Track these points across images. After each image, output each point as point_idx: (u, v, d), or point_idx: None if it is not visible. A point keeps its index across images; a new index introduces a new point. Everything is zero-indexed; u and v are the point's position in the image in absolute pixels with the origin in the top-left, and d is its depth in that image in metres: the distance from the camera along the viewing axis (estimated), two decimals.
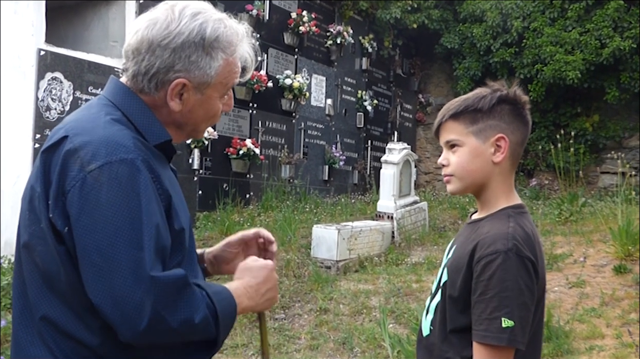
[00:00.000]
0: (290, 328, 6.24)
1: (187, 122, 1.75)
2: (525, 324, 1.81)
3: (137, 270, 1.49)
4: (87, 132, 1.57)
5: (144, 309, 1.48)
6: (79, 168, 1.52)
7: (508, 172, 1.98)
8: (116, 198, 1.51)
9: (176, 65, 1.65)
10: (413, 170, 9.83)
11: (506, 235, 1.84)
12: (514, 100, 1.97)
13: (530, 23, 12.37)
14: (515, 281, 1.80)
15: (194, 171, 9.25)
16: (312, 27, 11.26)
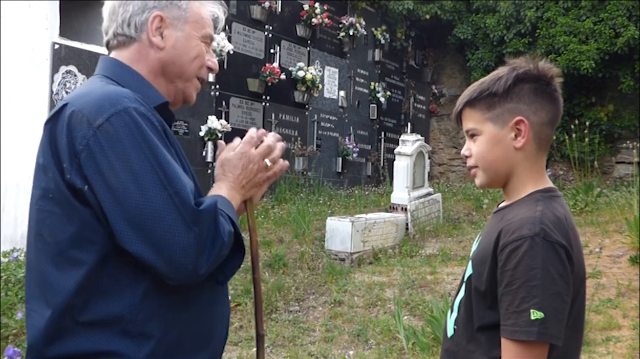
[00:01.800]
0: (305, 320, 6.25)
1: (174, 61, 1.77)
2: (560, 317, 1.63)
3: (175, 210, 1.50)
4: (86, 95, 1.60)
5: (189, 251, 1.50)
6: (87, 126, 1.52)
7: (535, 156, 1.81)
8: (133, 145, 1.52)
9: (149, 4, 1.74)
10: (427, 161, 9.81)
11: (533, 219, 1.67)
12: (535, 76, 1.79)
13: (544, 13, 12.29)
14: (545, 268, 1.62)
15: (208, 163, 9.27)
16: (324, 18, 11.24)
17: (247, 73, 10.08)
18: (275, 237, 8.10)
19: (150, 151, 1.53)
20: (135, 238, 1.50)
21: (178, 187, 1.53)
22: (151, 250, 1.50)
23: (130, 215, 1.50)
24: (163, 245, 1.50)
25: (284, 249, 7.57)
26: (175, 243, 1.50)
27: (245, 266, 7.19)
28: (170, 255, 1.50)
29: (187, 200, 1.53)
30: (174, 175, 1.54)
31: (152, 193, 1.50)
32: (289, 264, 7.28)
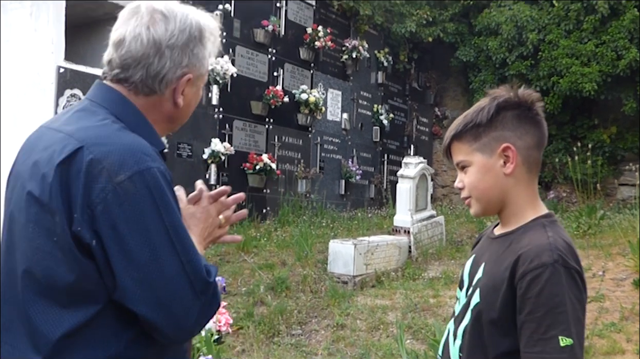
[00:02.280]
0: (307, 343, 6.23)
1: (182, 116, 1.78)
2: (583, 341, 1.69)
3: (186, 278, 1.53)
4: (104, 141, 1.55)
5: (192, 317, 1.55)
6: (107, 179, 1.49)
7: (526, 181, 1.85)
8: (151, 208, 1.51)
9: (184, 62, 1.69)
10: (430, 183, 9.82)
11: (549, 246, 1.70)
12: (516, 103, 1.84)
13: (546, 35, 12.35)
14: (567, 295, 1.66)
15: (211, 186, 9.27)
16: (327, 41, 11.32)
17: (250, 96, 10.13)
18: (278, 260, 8.10)
19: (167, 216, 1.53)
20: (142, 298, 1.51)
21: (191, 256, 1.55)
22: (157, 313, 1.52)
23: (140, 276, 1.50)
24: (170, 310, 1.53)
25: (286, 272, 7.56)
26: (182, 309, 1.54)
27: (248, 289, 7.19)
28: (176, 320, 1.55)
29: (199, 269, 1.56)
30: (189, 243, 1.57)
31: (165, 258, 1.51)
32: (292, 287, 7.27)
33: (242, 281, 7.48)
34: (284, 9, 10.84)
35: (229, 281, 7.20)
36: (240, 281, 7.47)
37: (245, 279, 7.55)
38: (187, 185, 7.68)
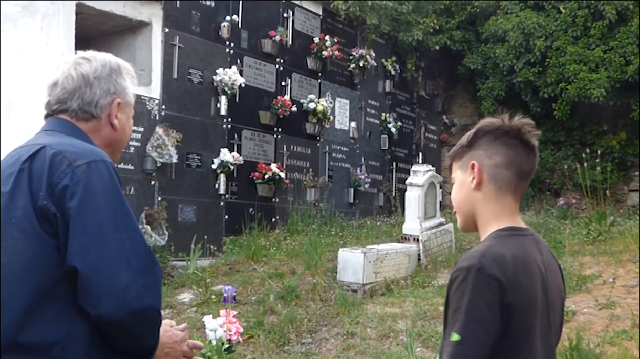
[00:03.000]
0: (318, 352, 6.24)
1: (120, 140, 2.10)
2: (478, 343, 1.79)
3: (127, 249, 1.76)
4: (64, 144, 1.87)
5: (129, 288, 1.73)
6: (67, 165, 1.80)
7: (495, 198, 1.98)
8: (103, 189, 1.80)
9: (111, 89, 2.04)
10: (438, 191, 9.82)
11: (475, 252, 1.85)
12: (495, 127, 2.00)
13: (553, 42, 12.34)
14: (472, 297, 1.80)
15: (220, 196, 9.33)
16: (334, 51, 11.36)
17: (258, 106, 10.18)
18: (288, 269, 8.12)
19: (115, 198, 1.81)
20: (85, 259, 1.72)
21: (132, 236, 1.80)
22: (93, 276, 1.72)
23: (87, 241, 1.74)
24: (106, 277, 1.73)
25: (296, 280, 7.58)
26: (117, 280, 1.73)
27: (258, 298, 7.22)
28: (110, 289, 1.72)
29: (138, 248, 1.80)
30: (132, 224, 1.83)
31: (108, 231, 1.76)
32: (302, 296, 7.29)
33: (252, 290, 7.50)
34: (291, 19, 10.89)
35: (239, 290, 7.23)
36: (250, 290, 7.50)
37: (255, 288, 7.58)
38: (196, 195, 7.83)
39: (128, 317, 1.73)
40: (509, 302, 1.81)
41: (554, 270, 2.03)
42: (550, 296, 1.96)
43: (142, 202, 8.28)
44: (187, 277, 7.92)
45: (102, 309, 1.71)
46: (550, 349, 1.97)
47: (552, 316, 1.97)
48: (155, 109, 8.57)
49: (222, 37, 9.53)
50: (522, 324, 1.86)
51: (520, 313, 1.84)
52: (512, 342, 1.85)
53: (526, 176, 2.01)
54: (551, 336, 1.97)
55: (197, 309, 7.00)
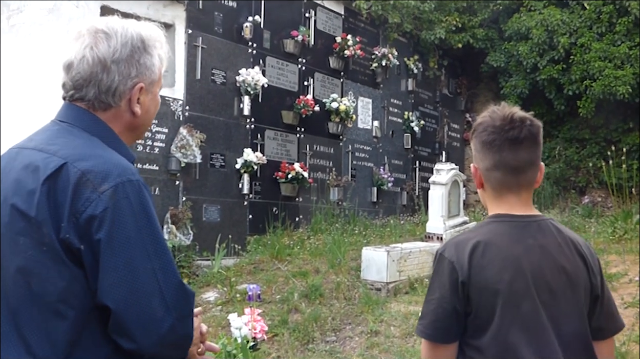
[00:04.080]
0: (342, 350, 6.26)
1: (144, 123, 1.91)
2: (435, 319, 2.02)
3: (159, 280, 1.66)
4: (87, 157, 1.69)
5: (164, 320, 1.65)
6: (91, 190, 1.63)
7: (494, 195, 2.14)
8: (132, 216, 1.65)
9: (132, 72, 1.81)
10: (462, 190, 9.80)
11: (448, 239, 2.11)
12: (480, 131, 2.12)
13: (578, 39, 12.24)
14: (432, 278, 2.08)
15: (244, 196, 9.39)
16: (357, 50, 11.37)
17: (281, 105, 10.23)
18: (312, 267, 8.15)
19: (146, 226, 1.67)
20: (115, 297, 1.63)
21: (165, 267, 1.68)
22: (126, 312, 1.63)
23: (116, 278, 1.62)
24: (139, 313, 1.64)
25: (320, 279, 7.61)
26: (151, 315, 1.64)
27: (282, 297, 7.26)
28: (144, 324, 1.64)
29: (172, 281, 1.68)
30: (165, 254, 1.69)
31: (138, 265, 1.64)
32: (325, 294, 7.32)
33: (276, 289, 7.55)
34: (313, 19, 10.93)
35: (263, 289, 7.27)
36: (274, 289, 7.54)
37: (279, 287, 7.62)
38: (220, 195, 7.92)
39: (163, 349, 1.68)
40: (462, 281, 1.98)
41: (564, 255, 2.06)
42: (541, 281, 2.01)
43: (167, 202, 8.36)
44: (211, 276, 7.98)
45: (137, 344, 1.65)
46: (541, 334, 1.99)
47: (549, 302, 2.01)
48: (179, 110, 8.65)
49: (245, 37, 9.59)
50: (483, 304, 1.99)
51: (479, 293, 1.99)
52: (478, 321, 2.00)
53: (520, 170, 2.09)
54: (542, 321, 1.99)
55: (222, 308, 7.05)
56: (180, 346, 1.73)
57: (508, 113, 2.10)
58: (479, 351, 1.99)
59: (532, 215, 2.11)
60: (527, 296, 1.98)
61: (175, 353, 1.73)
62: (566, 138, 12.77)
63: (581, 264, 2.09)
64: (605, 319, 2.14)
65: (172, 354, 1.72)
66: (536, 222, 2.09)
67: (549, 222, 2.12)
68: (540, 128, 2.14)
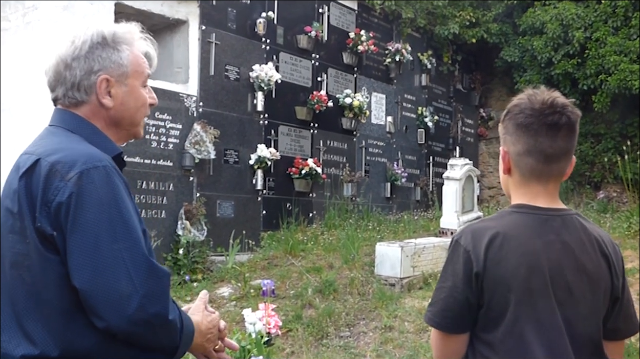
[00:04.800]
0: (356, 345, 6.27)
1: (123, 116, 1.96)
2: (444, 307, 1.96)
3: (125, 259, 1.70)
4: (58, 151, 1.79)
5: (131, 298, 1.68)
6: (59, 179, 1.72)
7: (520, 182, 2.04)
8: (97, 199, 1.72)
9: (94, 67, 1.90)
10: (476, 185, 9.77)
11: (465, 226, 2.04)
12: (517, 112, 2.01)
13: (593, 33, 12.14)
14: (445, 266, 2.00)
15: (258, 191, 9.41)
16: (370, 45, 11.35)
17: (295, 101, 10.24)
18: (325, 263, 8.16)
19: (112, 208, 1.73)
20: (84, 278, 1.69)
21: (131, 246, 1.73)
22: (94, 292, 1.68)
23: (84, 260, 1.69)
24: (107, 292, 1.68)
25: (334, 275, 7.62)
26: (118, 294, 1.68)
27: (296, 292, 7.27)
28: (112, 304, 1.68)
29: (139, 260, 1.72)
30: (132, 234, 1.74)
31: (104, 245, 1.69)
32: (339, 289, 7.33)
33: (290, 285, 7.56)
34: (327, 14, 10.92)
35: (277, 285, 7.30)
36: (288, 285, 7.56)
37: (293, 282, 7.64)
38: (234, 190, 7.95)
39: (134, 328, 1.69)
40: (477, 272, 1.90)
41: (586, 255, 1.96)
42: (560, 280, 1.92)
43: (181, 198, 8.40)
44: (226, 272, 8.02)
45: (107, 323, 1.69)
46: (555, 334, 1.91)
47: (566, 303, 1.92)
48: (193, 106, 8.68)
49: (258, 33, 9.60)
50: (497, 298, 1.91)
51: (493, 286, 1.91)
52: (491, 315, 1.93)
53: (554, 159, 1.98)
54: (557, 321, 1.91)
55: (236, 303, 7.08)
56: (153, 326, 1.72)
57: (549, 97, 1.99)
58: (490, 346, 1.92)
59: (557, 209, 2.01)
60: (543, 294, 1.90)
61: (150, 333, 1.73)
62: (581, 133, 12.64)
63: (604, 264, 1.99)
64: (622, 321, 2.04)
65: (147, 335, 1.73)
66: (560, 217, 1.99)
67: (574, 217, 2.02)
68: (579, 116, 2.04)
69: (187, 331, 1.85)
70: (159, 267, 1.75)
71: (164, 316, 1.73)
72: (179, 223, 8.20)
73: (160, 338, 1.76)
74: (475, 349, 1.97)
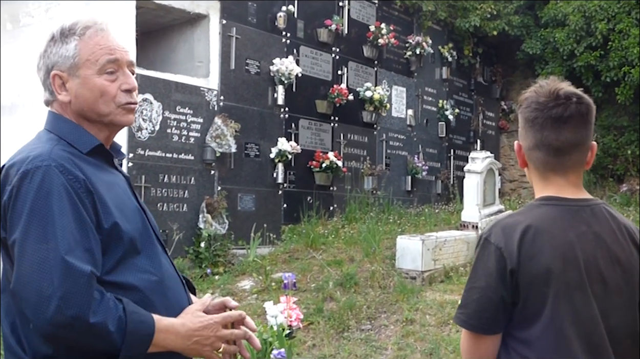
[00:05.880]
0: (377, 338, 6.28)
1: (83, 108, 1.93)
2: (477, 308, 1.88)
3: (50, 260, 1.67)
4: (18, 154, 1.83)
5: (50, 300, 1.65)
6: (9, 182, 1.75)
7: (538, 175, 2.01)
8: (31, 199, 1.72)
9: (49, 64, 1.94)
10: (497, 178, 9.72)
11: (493, 222, 1.96)
12: (525, 107, 1.98)
13: (616, 25, 12.00)
14: (475, 265, 1.92)
15: (278, 185, 9.44)
16: (390, 38, 11.32)
17: (315, 95, 10.24)
18: (346, 256, 8.17)
19: (43, 207, 1.72)
20: (15, 279, 1.72)
21: (56, 243, 1.69)
22: (19, 293, 1.71)
23: (16, 260, 1.71)
24: (28, 293, 1.68)
25: (355, 268, 7.63)
26: (38, 294, 1.67)
27: (317, 285, 7.30)
28: (33, 303, 1.67)
29: (58, 261, 1.68)
30: (57, 234, 1.71)
31: (29, 245, 1.69)
32: (360, 283, 7.34)
33: (311, 278, 7.59)
34: (347, 7, 10.90)
35: (298, 278, 7.32)
36: (309, 278, 7.58)
37: (314, 275, 7.66)
38: (255, 184, 7.99)
39: (57, 330, 1.67)
40: (512, 269, 1.84)
41: (618, 244, 1.92)
42: (594, 272, 1.87)
43: (203, 192, 8.45)
44: (247, 265, 8.06)
45: (32, 324, 1.69)
46: (593, 327, 1.86)
47: (601, 294, 1.87)
48: (214, 100, 8.71)
49: (279, 27, 9.61)
50: (533, 294, 1.85)
51: (529, 282, 1.84)
52: (527, 312, 1.86)
53: (563, 152, 1.93)
54: (595, 315, 1.85)
55: (257, 297, 7.12)
56: (75, 329, 1.67)
57: (553, 89, 1.93)
58: (526, 343, 1.85)
59: (584, 199, 1.96)
60: (580, 287, 1.84)
61: (75, 337, 1.69)
62: (604, 125, 12.55)
63: (636, 253, 1.94)
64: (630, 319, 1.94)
65: (73, 338, 1.69)
66: (589, 207, 1.94)
67: (602, 207, 1.97)
68: (591, 106, 1.96)
69: (136, 333, 1.75)
70: (77, 268, 1.69)
71: (84, 319, 1.66)
72: (200, 217, 8.25)
73: (90, 341, 1.71)
74: (509, 348, 1.90)
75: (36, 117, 7.82)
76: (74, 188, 1.76)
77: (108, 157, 1.98)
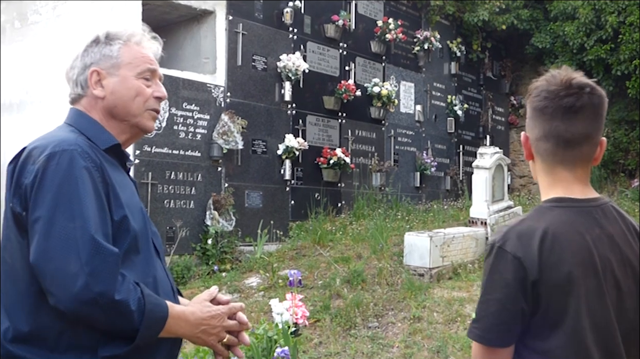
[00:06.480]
0: (384, 336, 6.25)
1: (116, 104, 2.04)
2: (494, 322, 1.77)
3: (77, 238, 1.74)
4: (41, 139, 1.91)
5: (78, 276, 1.70)
6: (32, 163, 1.82)
7: (544, 169, 1.92)
8: (58, 179, 1.78)
9: (87, 62, 2.05)
10: (506, 174, 9.64)
11: (505, 228, 1.82)
12: (534, 96, 1.89)
13: (626, 17, 11.88)
14: (490, 276, 1.80)
15: (286, 181, 9.41)
16: (398, 34, 11.26)
17: (322, 91, 10.20)
18: (354, 253, 8.13)
19: (71, 187, 1.79)
20: (36, 254, 1.75)
21: (83, 222, 1.76)
22: (43, 267, 1.73)
23: (39, 236, 1.75)
24: (54, 269, 1.73)
25: (362, 265, 7.59)
26: (65, 271, 1.72)
27: (324, 282, 7.27)
28: (59, 280, 1.72)
29: (87, 239, 1.75)
30: (85, 213, 1.77)
31: (57, 222, 1.75)
32: (368, 280, 7.30)
33: (318, 275, 7.56)
34: (354, 3, 10.85)
35: (305, 275, 7.30)
36: (316, 275, 7.55)
37: (321, 272, 7.63)
38: (262, 180, 7.96)
39: (81, 307, 1.71)
40: (533, 281, 1.74)
41: (629, 246, 1.86)
42: (610, 277, 1.80)
43: (210, 188, 8.43)
44: (254, 262, 8.04)
45: (55, 300, 1.73)
46: (610, 334, 1.80)
47: (616, 299, 1.81)
48: (221, 96, 8.69)
49: (285, 23, 9.57)
50: (555, 303, 1.76)
51: (550, 291, 1.75)
52: (546, 322, 1.77)
53: (573, 144, 1.85)
54: (612, 322, 1.80)
55: (264, 294, 7.10)
56: (100, 305, 1.72)
57: (566, 78, 1.84)
58: (544, 354, 1.77)
59: (594, 199, 1.89)
60: (598, 293, 1.77)
61: (98, 313, 1.73)
62: (614, 119, 12.45)
63: None
64: None
65: (96, 314, 1.73)
66: (599, 207, 1.87)
67: (610, 206, 1.90)
68: (604, 98, 1.88)
69: (153, 315, 1.81)
70: (107, 247, 1.76)
71: (110, 296, 1.72)
72: (207, 214, 8.23)
73: (112, 319, 1.75)
74: (523, 358, 1.82)
75: (45, 114, 7.85)
76: (95, 175, 1.85)
77: (122, 158, 2.07)
